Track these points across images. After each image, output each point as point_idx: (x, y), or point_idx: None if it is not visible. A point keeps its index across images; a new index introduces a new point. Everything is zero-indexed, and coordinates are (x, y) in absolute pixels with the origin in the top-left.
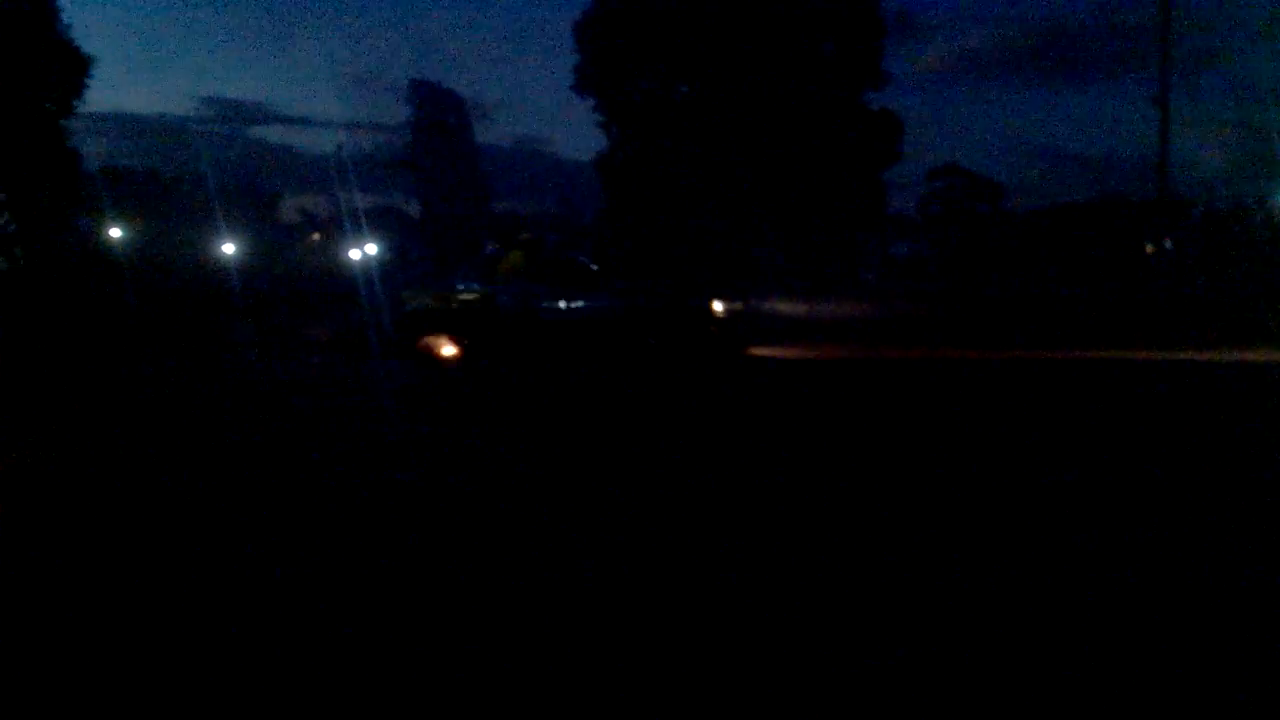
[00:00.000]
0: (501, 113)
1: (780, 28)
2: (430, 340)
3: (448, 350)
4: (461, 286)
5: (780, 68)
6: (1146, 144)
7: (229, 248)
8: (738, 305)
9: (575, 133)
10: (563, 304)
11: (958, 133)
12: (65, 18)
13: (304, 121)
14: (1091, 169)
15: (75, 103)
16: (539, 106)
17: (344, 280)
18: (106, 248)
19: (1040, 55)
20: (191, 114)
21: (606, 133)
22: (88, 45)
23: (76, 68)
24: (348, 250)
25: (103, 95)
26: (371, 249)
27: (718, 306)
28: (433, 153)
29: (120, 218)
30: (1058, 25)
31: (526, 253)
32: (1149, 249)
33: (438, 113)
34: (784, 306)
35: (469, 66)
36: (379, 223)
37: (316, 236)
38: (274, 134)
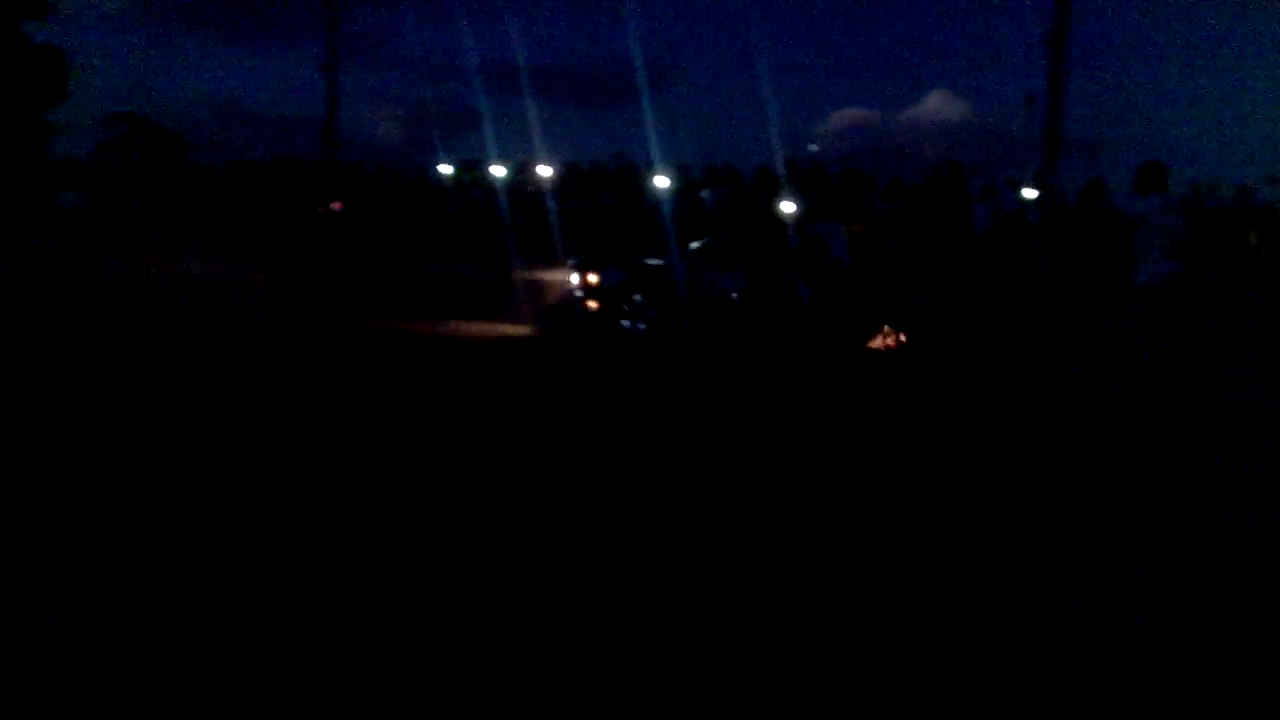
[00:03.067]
0: None
1: None
2: None
3: None
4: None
5: None
6: (322, 108)
7: None
8: None
9: None
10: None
11: (140, 82)
12: None
13: None
14: (274, 129)
15: None
16: None
17: None
18: None
19: (223, 11)
20: None
21: None
22: None
23: None
24: None
25: None
26: None
27: None
28: None
29: None
30: None
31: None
32: (321, 209)
33: None
34: None
35: None
36: None
37: None
38: None
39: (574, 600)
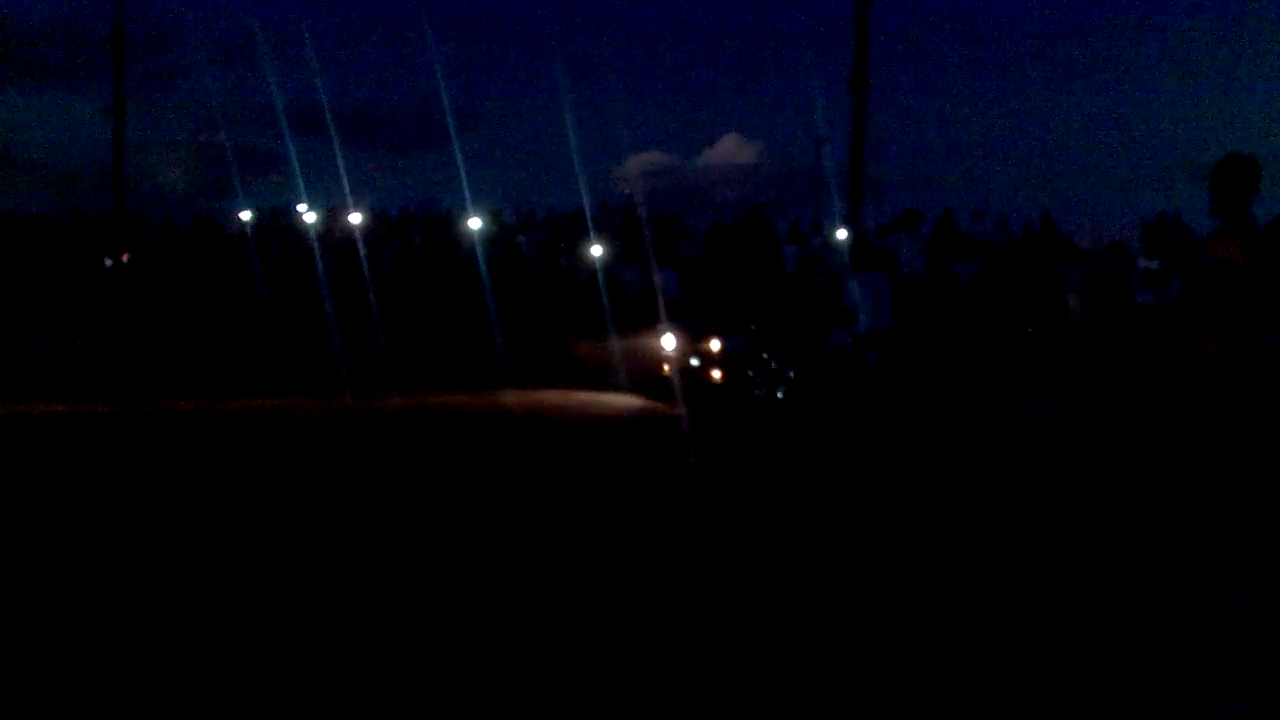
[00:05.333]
0: None
1: None
2: None
3: None
4: None
5: None
6: (107, 156)
7: None
8: None
9: None
10: None
11: None
12: None
13: None
14: (51, 179)
15: None
16: None
17: None
18: None
19: None
20: None
21: None
22: None
23: None
24: None
25: None
26: None
27: None
28: None
29: None
30: (10, 23)
31: None
32: (109, 263)
33: None
34: None
35: None
36: None
37: None
38: None
39: None
